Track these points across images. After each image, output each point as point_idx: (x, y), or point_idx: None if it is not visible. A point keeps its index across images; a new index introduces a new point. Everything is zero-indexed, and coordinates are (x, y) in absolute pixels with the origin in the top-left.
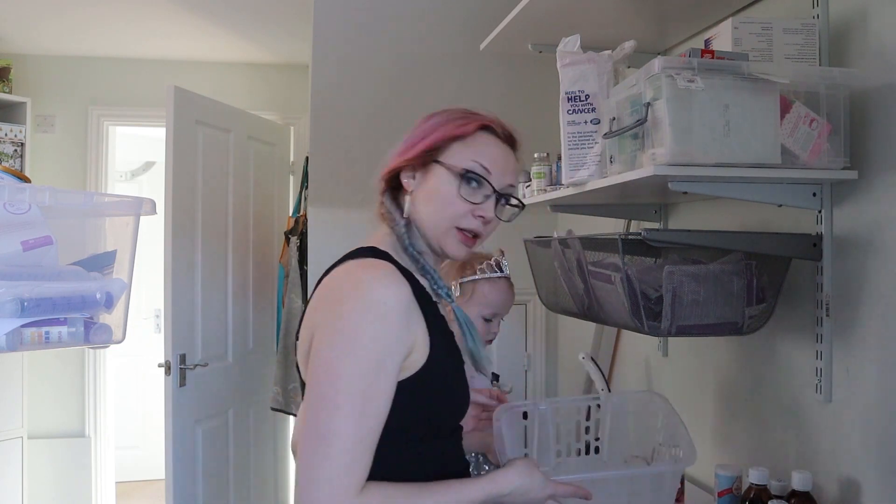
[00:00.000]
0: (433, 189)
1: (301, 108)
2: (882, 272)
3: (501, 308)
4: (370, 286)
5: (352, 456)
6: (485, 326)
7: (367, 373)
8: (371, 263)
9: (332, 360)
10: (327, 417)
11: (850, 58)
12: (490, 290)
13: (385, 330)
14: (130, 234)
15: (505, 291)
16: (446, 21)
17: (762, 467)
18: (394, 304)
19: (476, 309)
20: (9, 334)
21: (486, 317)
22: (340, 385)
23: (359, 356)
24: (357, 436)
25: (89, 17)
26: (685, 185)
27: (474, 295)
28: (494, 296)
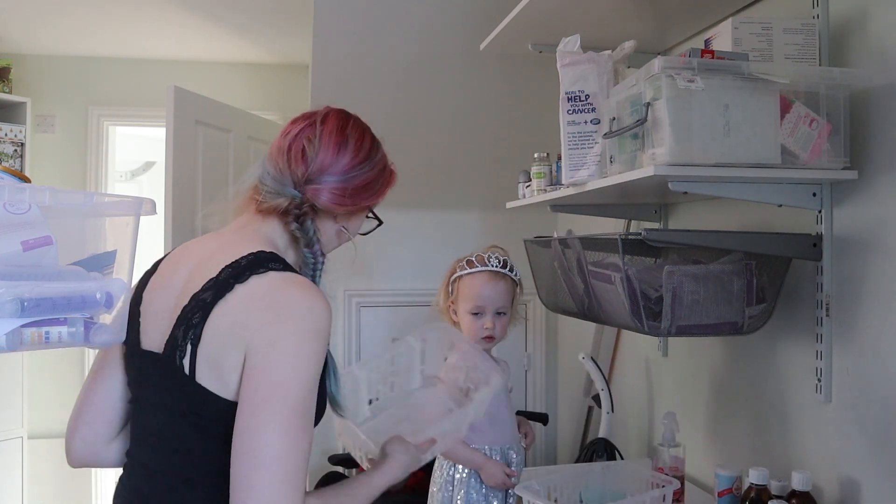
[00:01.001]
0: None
1: (301, 108)
2: (882, 272)
3: (485, 300)
4: (310, 306)
5: (303, 471)
6: (474, 322)
7: (310, 391)
8: (299, 281)
9: (282, 380)
10: (282, 438)
11: (850, 58)
12: (468, 285)
13: (320, 348)
14: (130, 234)
15: (484, 283)
16: (446, 21)
17: (762, 467)
18: (326, 324)
19: (463, 306)
20: (9, 334)
21: (472, 311)
22: (289, 406)
23: (305, 376)
24: (306, 452)
25: (89, 18)
26: (685, 185)
27: (458, 293)
28: (473, 289)
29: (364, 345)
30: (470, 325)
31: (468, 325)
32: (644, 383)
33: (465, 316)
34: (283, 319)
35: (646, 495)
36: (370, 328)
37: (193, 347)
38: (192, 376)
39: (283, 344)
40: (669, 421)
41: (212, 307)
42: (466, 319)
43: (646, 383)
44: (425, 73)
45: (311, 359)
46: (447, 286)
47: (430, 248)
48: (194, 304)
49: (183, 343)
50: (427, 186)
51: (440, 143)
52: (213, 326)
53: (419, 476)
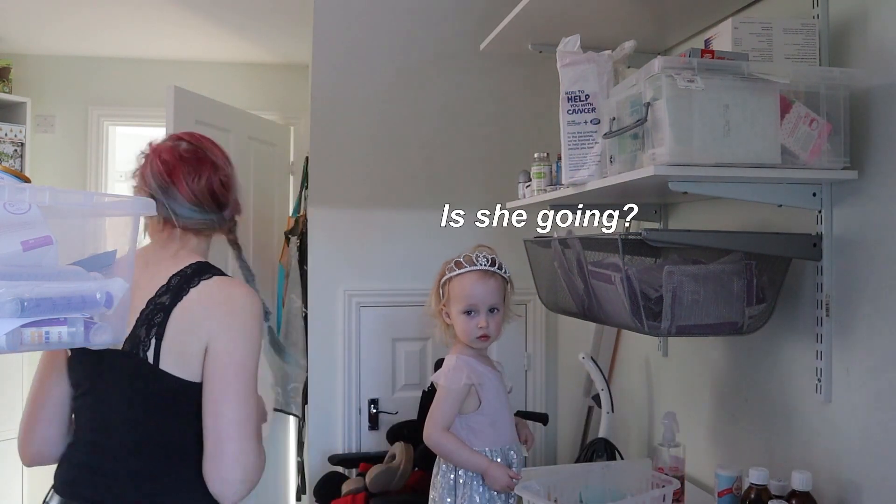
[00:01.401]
0: None
1: (301, 108)
2: (882, 272)
3: (476, 299)
4: (253, 300)
5: (259, 426)
6: (467, 322)
7: (257, 365)
8: (237, 281)
9: (243, 360)
10: (246, 403)
11: (850, 58)
12: (459, 286)
13: (261, 332)
14: (130, 234)
15: (475, 282)
16: (446, 21)
17: (762, 467)
18: (260, 313)
19: (455, 307)
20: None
21: (464, 310)
22: (249, 379)
23: (257, 354)
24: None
25: (89, 18)
26: (685, 185)
27: (449, 295)
28: (464, 289)
29: (364, 345)
30: (464, 326)
31: (462, 326)
32: (644, 383)
33: (458, 317)
34: (237, 312)
35: (646, 495)
36: (370, 328)
37: (158, 341)
38: (155, 365)
39: (240, 331)
40: (669, 421)
41: (171, 308)
42: (460, 320)
43: (646, 383)
44: (425, 73)
45: (259, 340)
46: (437, 290)
47: (429, 248)
48: (153, 307)
49: (146, 339)
50: (427, 186)
51: (440, 143)
52: (175, 323)
53: (418, 475)
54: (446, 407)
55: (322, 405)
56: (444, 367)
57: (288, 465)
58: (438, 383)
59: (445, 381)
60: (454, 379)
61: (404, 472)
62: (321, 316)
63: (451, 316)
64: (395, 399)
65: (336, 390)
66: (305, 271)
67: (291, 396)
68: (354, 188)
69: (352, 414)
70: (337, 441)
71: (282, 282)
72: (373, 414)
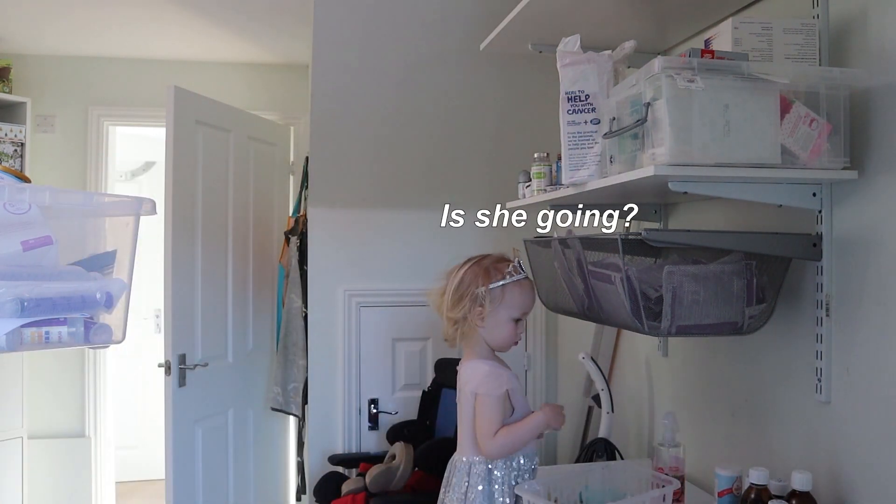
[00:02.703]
0: None
1: (301, 108)
2: (882, 272)
3: (529, 307)
4: None
5: None
6: (515, 328)
7: None
8: None
9: None
10: None
11: (850, 58)
12: (519, 293)
13: None
14: (130, 234)
15: (530, 291)
16: (446, 21)
17: (762, 467)
18: None
19: (506, 312)
20: (9, 334)
21: (516, 317)
22: None
23: None
24: None
25: (90, 18)
26: (685, 185)
27: (504, 299)
28: (523, 297)
29: (364, 345)
30: (509, 332)
31: (507, 332)
32: (644, 383)
33: (505, 323)
34: None
35: (646, 495)
36: (370, 328)
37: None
38: None
39: None
40: (669, 421)
41: None
42: (507, 327)
43: (646, 383)
44: (425, 72)
45: None
46: (472, 293)
47: (430, 248)
48: None
49: None
50: (427, 186)
51: (440, 143)
52: None
53: (418, 475)
54: (494, 415)
55: (322, 405)
56: (474, 374)
57: (288, 465)
58: (478, 393)
59: (487, 389)
60: (495, 386)
61: (404, 472)
62: (321, 316)
63: (493, 321)
64: (395, 399)
65: (336, 390)
66: (305, 271)
67: (291, 396)
68: (354, 188)
69: (352, 414)
70: (337, 441)
71: (282, 282)
72: (373, 414)
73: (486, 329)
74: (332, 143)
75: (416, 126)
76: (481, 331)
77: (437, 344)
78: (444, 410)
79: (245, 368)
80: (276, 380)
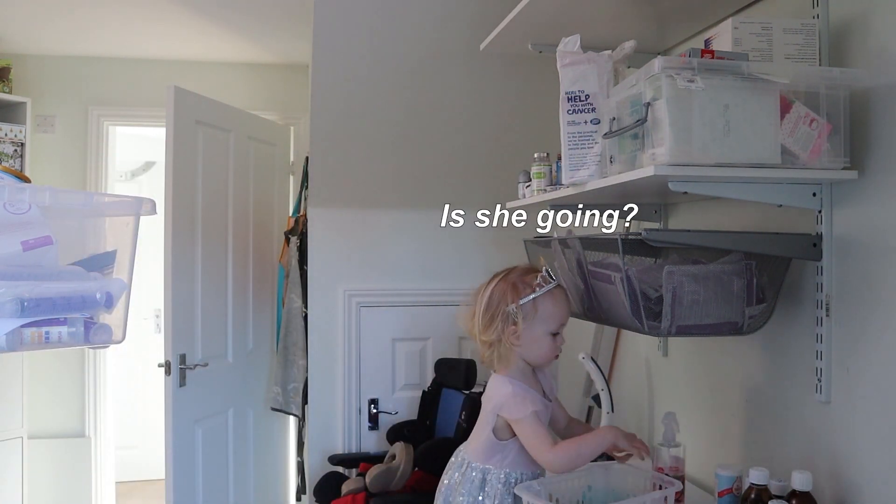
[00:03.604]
0: None
1: (301, 108)
2: (882, 272)
3: (565, 317)
4: None
5: None
6: (553, 342)
7: None
8: None
9: None
10: None
11: (850, 58)
12: (553, 304)
13: None
14: (130, 234)
15: (564, 300)
16: (446, 21)
17: (762, 467)
18: None
19: (542, 327)
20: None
21: (554, 331)
22: None
23: None
24: None
25: (89, 18)
26: (685, 185)
27: (537, 313)
28: (557, 308)
29: (364, 345)
30: (548, 347)
31: (546, 347)
32: (644, 383)
33: (542, 338)
34: None
35: (647, 496)
36: (370, 328)
37: None
38: None
39: None
40: (669, 421)
41: None
42: (545, 342)
43: (646, 383)
44: (425, 72)
45: None
46: (502, 312)
47: (430, 248)
48: None
49: None
50: (427, 186)
51: (440, 143)
52: None
53: (418, 475)
54: (539, 430)
55: (322, 405)
56: (498, 393)
57: (288, 465)
58: (509, 418)
59: (514, 413)
60: (521, 408)
61: (404, 472)
62: (321, 316)
63: (529, 337)
64: (395, 399)
65: (336, 390)
66: (305, 271)
67: (291, 396)
68: (354, 188)
69: (352, 414)
70: (337, 441)
71: (282, 282)
72: (373, 414)
73: (522, 347)
74: (332, 143)
75: (416, 126)
76: (518, 350)
77: (437, 344)
78: (444, 410)
79: (245, 368)
80: (276, 380)
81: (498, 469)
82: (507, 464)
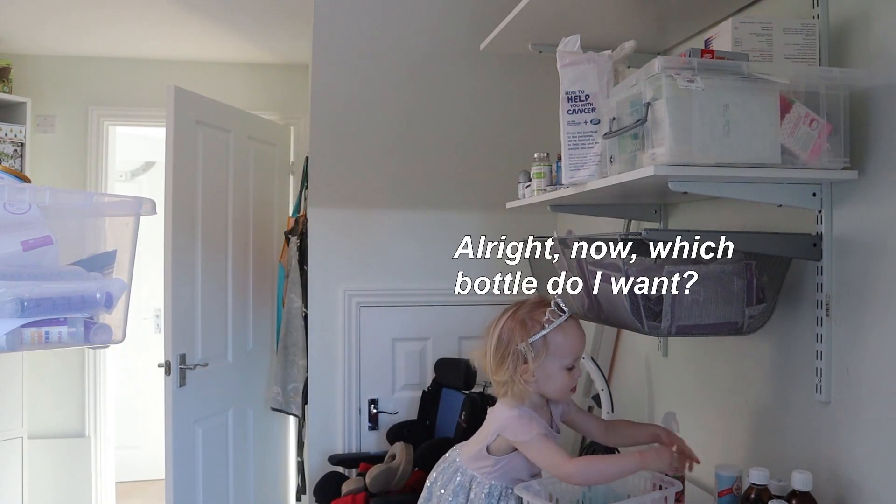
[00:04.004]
0: None
1: (301, 108)
2: (882, 272)
3: (579, 350)
4: None
5: None
6: (569, 376)
7: None
8: None
9: None
10: None
11: (850, 58)
12: (564, 338)
13: None
14: (130, 234)
15: (577, 332)
16: (446, 21)
17: (762, 467)
18: None
19: (555, 363)
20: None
21: (569, 365)
22: None
23: None
24: None
25: (89, 18)
26: (685, 185)
27: (549, 349)
28: (570, 342)
29: (364, 345)
30: (564, 381)
31: (561, 382)
32: (644, 383)
33: (557, 374)
34: None
35: (646, 496)
36: (370, 328)
37: None
38: None
39: None
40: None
41: None
42: (561, 377)
43: (646, 383)
44: (425, 72)
45: None
46: (514, 353)
47: (430, 248)
48: None
49: None
50: (427, 186)
51: (440, 143)
52: None
53: (418, 475)
54: (551, 447)
55: (322, 405)
56: (502, 416)
57: (288, 465)
58: (516, 440)
59: (522, 435)
60: (529, 428)
61: (404, 472)
62: (321, 316)
63: (542, 374)
64: (395, 399)
65: (336, 390)
66: (305, 271)
67: (291, 396)
68: (354, 188)
69: (352, 414)
70: (337, 441)
71: (282, 282)
72: (373, 414)
73: (538, 384)
74: (332, 143)
75: (416, 126)
76: (532, 387)
77: (437, 344)
78: (444, 410)
79: (245, 368)
80: (276, 380)
81: (484, 479)
82: (493, 475)
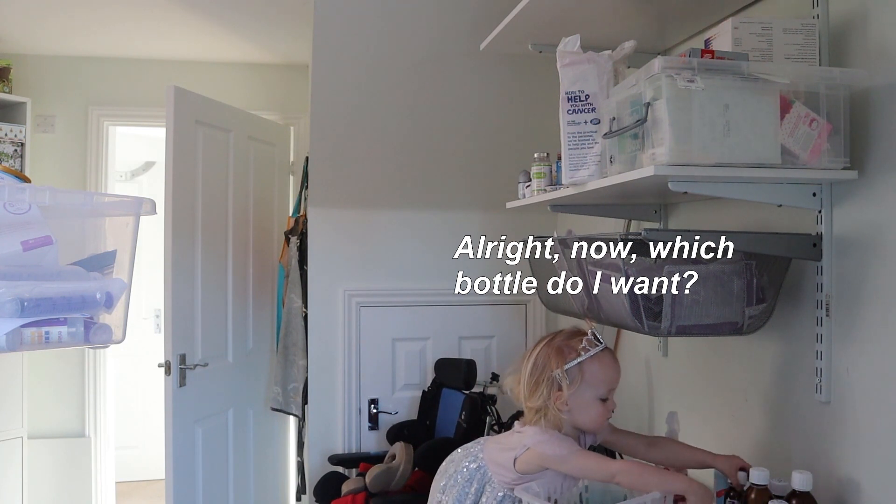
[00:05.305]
0: None
1: (301, 108)
2: (882, 272)
3: (614, 381)
4: None
5: None
6: (604, 407)
7: None
8: None
9: None
10: None
11: (850, 58)
12: (600, 368)
13: None
14: (130, 234)
15: (612, 363)
16: (446, 21)
17: (762, 467)
18: None
19: (590, 392)
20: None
21: (603, 396)
22: None
23: None
24: None
25: (89, 17)
26: (685, 185)
27: (584, 378)
28: (605, 372)
29: (364, 345)
30: (598, 412)
31: (595, 413)
32: (644, 383)
33: (591, 403)
34: None
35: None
36: (370, 328)
37: None
38: None
39: None
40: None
41: None
42: (594, 407)
43: (646, 383)
44: (425, 72)
45: None
46: (549, 379)
47: (430, 248)
48: None
49: None
50: (427, 186)
51: (440, 143)
52: None
53: (418, 475)
54: (589, 453)
55: (322, 405)
56: (540, 437)
57: (288, 465)
58: (554, 454)
59: (561, 449)
60: (565, 444)
61: (404, 472)
62: (321, 316)
63: (576, 403)
64: (395, 399)
65: (336, 390)
66: (305, 271)
67: (291, 396)
68: (354, 188)
69: (352, 414)
70: (337, 441)
71: (282, 282)
72: (373, 414)
73: (571, 413)
74: (332, 143)
75: (416, 126)
76: (566, 415)
77: (437, 344)
78: (444, 410)
79: (245, 368)
80: (276, 380)
81: (500, 485)
82: (510, 487)
